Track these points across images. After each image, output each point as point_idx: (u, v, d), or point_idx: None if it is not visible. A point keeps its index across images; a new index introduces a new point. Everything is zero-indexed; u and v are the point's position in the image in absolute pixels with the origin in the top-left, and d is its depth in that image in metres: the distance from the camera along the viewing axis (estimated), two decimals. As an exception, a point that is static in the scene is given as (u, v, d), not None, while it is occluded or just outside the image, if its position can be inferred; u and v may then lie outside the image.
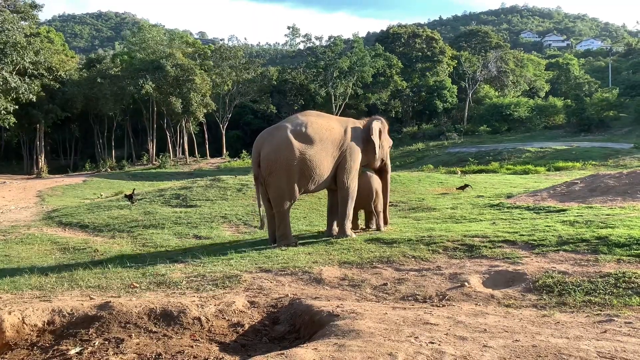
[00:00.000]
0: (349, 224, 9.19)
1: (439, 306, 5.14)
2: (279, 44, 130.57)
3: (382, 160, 10.05)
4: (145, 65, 43.47)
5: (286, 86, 53.48)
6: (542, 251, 6.90)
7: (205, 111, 45.50)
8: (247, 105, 55.04)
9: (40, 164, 40.96)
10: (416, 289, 5.80)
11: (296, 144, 8.61)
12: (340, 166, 9.08)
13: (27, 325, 4.84)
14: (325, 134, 8.90)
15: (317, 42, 53.27)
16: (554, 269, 6.05)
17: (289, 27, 53.17)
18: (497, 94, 56.09)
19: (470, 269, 6.43)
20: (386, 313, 4.59)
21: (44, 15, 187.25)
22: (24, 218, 15.25)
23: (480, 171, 26.69)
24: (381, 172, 10.13)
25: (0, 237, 11.77)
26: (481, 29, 72.01)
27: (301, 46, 56.10)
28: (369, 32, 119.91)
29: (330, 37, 52.45)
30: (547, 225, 8.45)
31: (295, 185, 8.70)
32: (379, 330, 3.98)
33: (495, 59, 55.60)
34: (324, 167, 8.85)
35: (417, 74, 56.00)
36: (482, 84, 57.05)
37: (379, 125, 9.74)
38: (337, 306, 4.86)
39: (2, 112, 32.62)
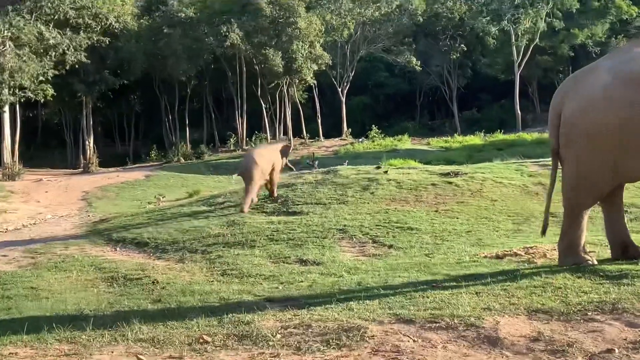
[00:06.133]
0: None
1: None
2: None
3: None
4: (229, 6, 44.82)
5: (438, 25, 52.55)
6: None
7: (316, 68, 45.90)
8: (377, 57, 54.87)
9: (88, 152, 43.26)
10: (668, 363, 5.07)
11: (619, 95, 7.61)
12: None
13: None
14: None
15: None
16: None
17: None
18: None
19: None
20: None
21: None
22: (63, 231, 16.21)
23: None
24: None
25: (28, 259, 12.52)
26: None
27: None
28: None
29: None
30: None
31: (611, 167, 7.81)
32: None
33: None
34: None
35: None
36: None
37: None
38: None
39: (35, 81, 34.88)
